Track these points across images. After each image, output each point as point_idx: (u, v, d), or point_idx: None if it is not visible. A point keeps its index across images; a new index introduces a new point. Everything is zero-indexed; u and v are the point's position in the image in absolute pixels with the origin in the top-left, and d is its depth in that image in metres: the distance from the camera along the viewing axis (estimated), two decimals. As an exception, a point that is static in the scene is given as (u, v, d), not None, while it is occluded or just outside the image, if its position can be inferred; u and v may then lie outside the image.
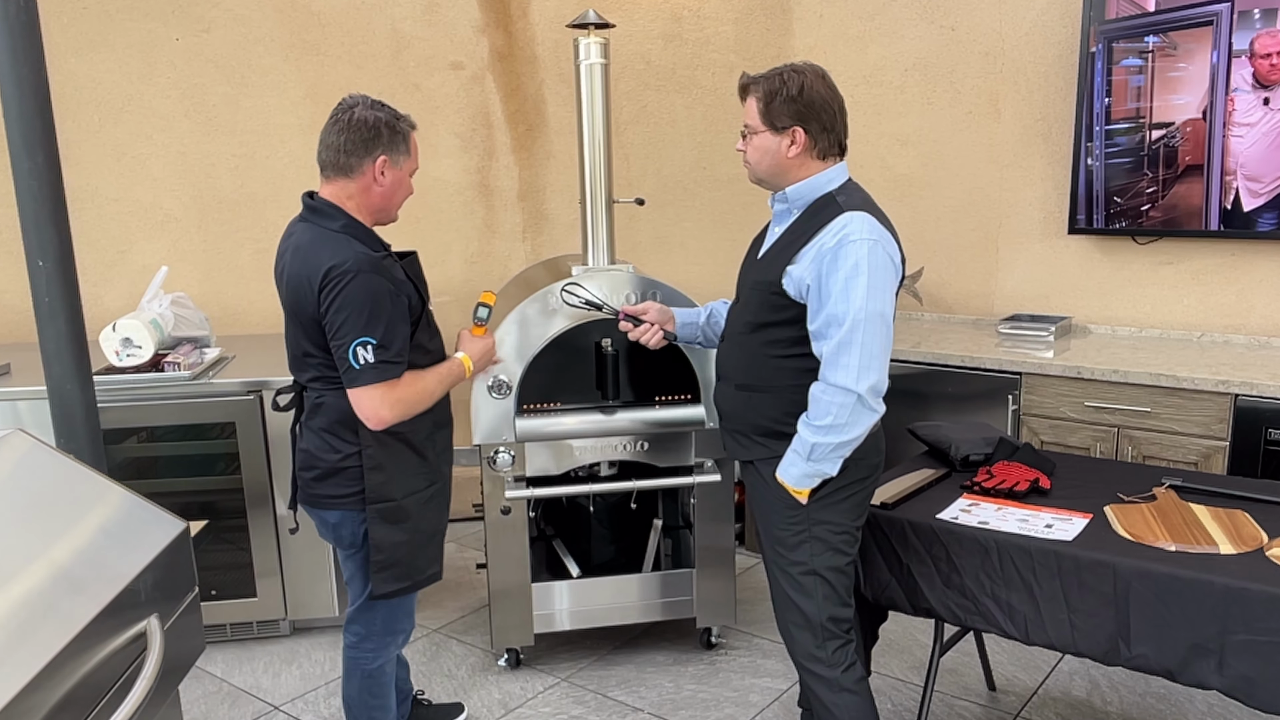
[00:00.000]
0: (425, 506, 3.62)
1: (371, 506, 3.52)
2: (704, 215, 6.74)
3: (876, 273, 3.16)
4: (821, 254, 3.22)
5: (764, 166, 3.39)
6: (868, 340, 3.14)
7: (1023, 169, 5.85)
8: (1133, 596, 3.14)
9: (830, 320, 3.18)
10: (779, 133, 3.34)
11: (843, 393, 3.15)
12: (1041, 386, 5.00)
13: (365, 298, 3.29)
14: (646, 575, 4.75)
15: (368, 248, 3.37)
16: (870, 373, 3.15)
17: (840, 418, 3.17)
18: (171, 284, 5.90)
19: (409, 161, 3.51)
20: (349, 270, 3.29)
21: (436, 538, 3.71)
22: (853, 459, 3.32)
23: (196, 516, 3.18)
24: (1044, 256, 5.85)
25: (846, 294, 3.14)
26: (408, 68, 6.24)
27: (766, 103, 3.34)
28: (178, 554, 2.57)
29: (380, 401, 3.35)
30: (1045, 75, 5.68)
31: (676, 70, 6.53)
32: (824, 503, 3.38)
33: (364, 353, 3.30)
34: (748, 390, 3.48)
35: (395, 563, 3.59)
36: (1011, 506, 3.64)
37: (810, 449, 3.24)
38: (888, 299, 3.19)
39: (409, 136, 3.49)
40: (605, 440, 4.54)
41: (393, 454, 3.52)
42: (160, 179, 5.99)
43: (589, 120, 4.51)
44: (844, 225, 3.21)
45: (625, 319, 3.96)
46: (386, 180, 3.45)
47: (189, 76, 5.94)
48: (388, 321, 3.33)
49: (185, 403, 4.73)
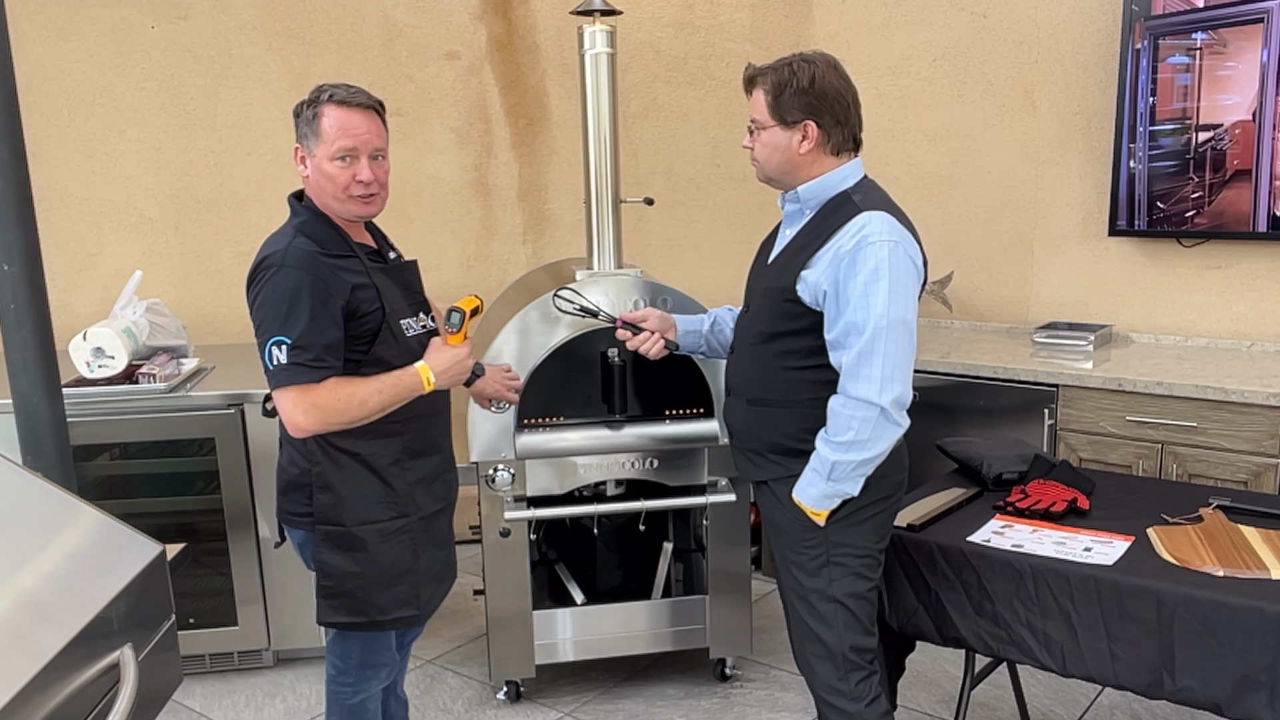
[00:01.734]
0: (388, 541, 3.48)
1: (319, 527, 3.44)
2: (718, 216, 6.75)
3: (898, 276, 3.15)
4: (839, 257, 3.21)
5: (774, 164, 3.39)
6: (890, 349, 3.13)
7: (1060, 166, 5.85)
8: (1178, 625, 3.13)
9: (849, 328, 3.17)
10: (789, 127, 3.33)
11: (864, 406, 3.15)
12: (1080, 399, 5.00)
13: (284, 293, 3.20)
14: (656, 602, 4.75)
15: (316, 244, 3.31)
16: (894, 384, 3.14)
17: (862, 433, 3.16)
18: (146, 290, 5.91)
19: (321, 145, 3.32)
20: (272, 265, 3.23)
21: (408, 579, 3.54)
22: (874, 477, 3.31)
23: (173, 539, 3.19)
24: (1082, 260, 5.85)
25: (866, 300, 3.14)
26: (400, 57, 6.26)
27: (775, 95, 3.33)
28: (153, 579, 2.57)
29: (294, 406, 3.23)
30: (1084, 66, 5.68)
31: (688, 60, 6.55)
32: (844, 524, 3.36)
33: (278, 353, 3.20)
34: (761, 405, 3.47)
35: (343, 594, 3.48)
36: (1048, 528, 3.64)
37: (830, 467, 3.23)
38: (910, 304, 3.19)
39: (319, 117, 3.31)
40: (612, 457, 4.54)
41: (346, 475, 3.42)
42: (134, 177, 6.01)
43: (594, 114, 4.52)
44: (862, 226, 3.21)
45: (623, 326, 3.90)
46: (308, 170, 3.37)
47: (165, 67, 5.96)
48: (309, 320, 3.21)
49: (161, 417, 4.74)
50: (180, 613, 4.89)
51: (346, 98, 3.31)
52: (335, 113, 3.29)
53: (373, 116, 3.36)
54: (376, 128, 3.37)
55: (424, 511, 3.56)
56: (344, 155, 3.30)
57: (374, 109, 3.38)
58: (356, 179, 3.33)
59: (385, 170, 3.43)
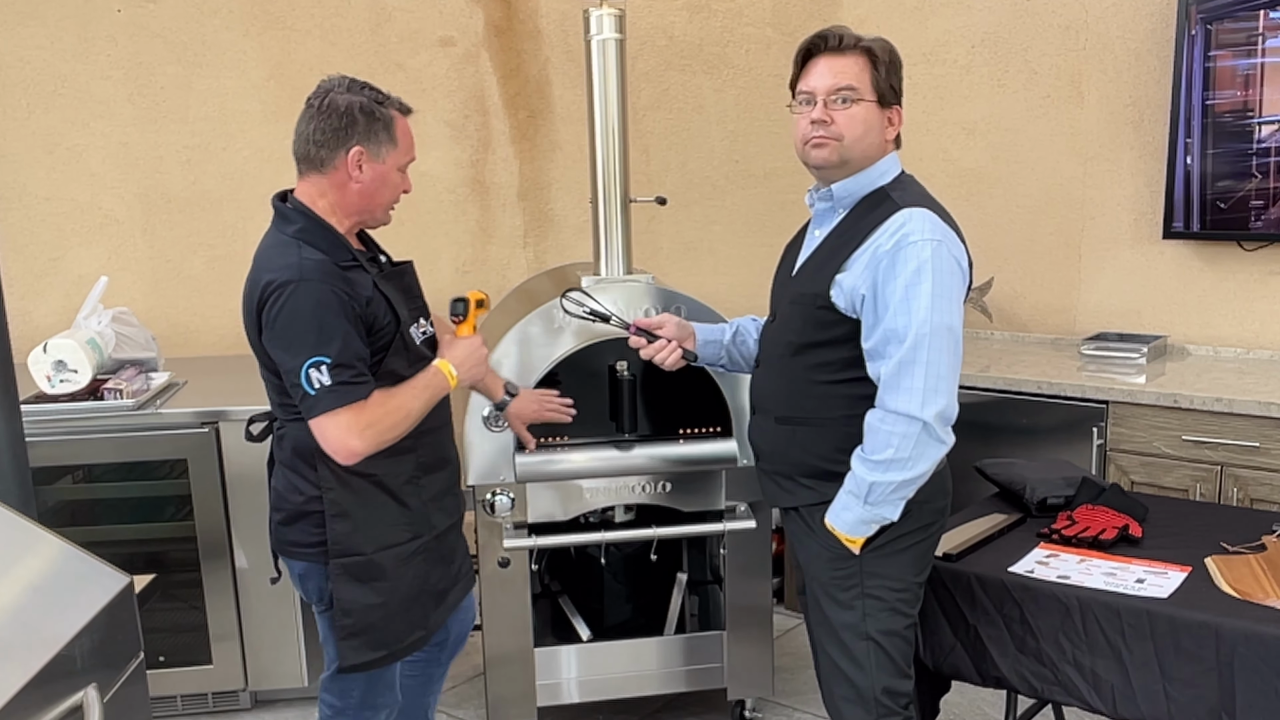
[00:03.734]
0: (406, 564, 3.52)
1: (335, 561, 3.44)
2: (737, 217, 6.77)
3: (942, 278, 3.14)
4: (876, 258, 3.19)
5: (862, 146, 3.32)
6: (934, 358, 3.11)
7: (1110, 163, 5.86)
8: (1239, 663, 3.13)
9: (889, 336, 3.15)
10: (885, 107, 3.32)
11: (905, 421, 3.13)
12: (1132, 417, 5.00)
13: (311, 310, 3.21)
14: (669, 639, 4.76)
15: (325, 254, 3.32)
16: (937, 396, 3.12)
17: (902, 451, 3.14)
18: (112, 297, 5.90)
19: (395, 153, 3.42)
20: (289, 281, 3.24)
21: (422, 599, 3.60)
22: (915, 502, 3.29)
23: (142, 570, 3.19)
24: (1135, 265, 5.85)
25: (907, 304, 3.12)
26: (389, 44, 6.28)
27: (877, 68, 3.29)
28: (120, 614, 2.58)
29: (347, 430, 3.22)
30: (1136, 53, 5.69)
31: (704, 46, 6.56)
32: (880, 554, 3.35)
33: (318, 375, 3.19)
34: (791, 424, 3.45)
35: (366, 629, 3.49)
36: (1097, 558, 3.65)
37: (867, 489, 3.20)
38: (955, 309, 3.17)
39: (394, 123, 3.41)
40: (620, 480, 4.55)
41: (362, 500, 3.43)
42: (99, 174, 6.03)
43: (601, 105, 4.54)
44: (902, 224, 3.19)
45: (637, 333, 3.82)
46: (365, 176, 3.38)
47: (133, 54, 5.98)
48: (344, 335, 3.23)
49: (128, 436, 4.76)
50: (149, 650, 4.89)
51: (403, 106, 3.49)
52: (404, 123, 3.48)
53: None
54: None
55: (438, 529, 3.62)
56: (406, 166, 3.49)
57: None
58: (404, 190, 3.51)
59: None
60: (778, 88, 6.52)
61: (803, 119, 3.37)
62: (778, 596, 6.07)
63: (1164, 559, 3.60)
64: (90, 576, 2.57)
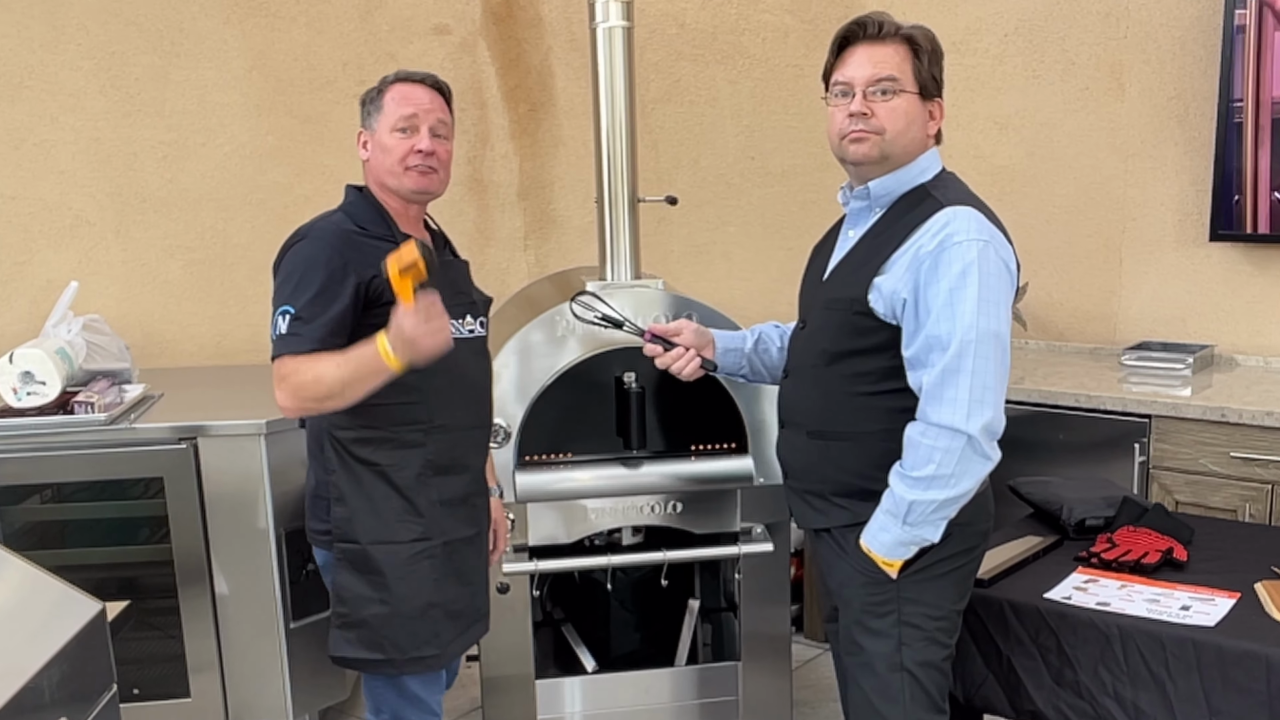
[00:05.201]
0: (410, 567, 3.58)
1: (336, 545, 3.59)
2: (753, 218, 6.77)
3: (989, 281, 3.14)
4: (919, 259, 3.19)
5: (904, 141, 3.33)
6: (979, 366, 3.10)
7: (1153, 159, 5.86)
8: (1292, 697, 3.14)
9: (931, 343, 3.15)
10: (927, 100, 3.34)
11: (948, 434, 3.12)
12: (1176, 433, 5.00)
13: (299, 263, 3.46)
14: (680, 670, 4.77)
15: (354, 222, 3.56)
16: (983, 408, 3.11)
17: (945, 466, 3.13)
18: (83, 304, 5.90)
19: (383, 118, 3.63)
20: (298, 235, 3.53)
21: (432, 613, 3.63)
22: (956, 524, 3.28)
23: (115, 596, 3.21)
24: (1180, 269, 5.86)
25: (952, 309, 3.11)
26: (380, 32, 6.29)
27: (919, 58, 3.32)
28: (91, 643, 2.59)
29: (276, 379, 3.42)
30: (1181, 41, 5.70)
31: (718, 35, 6.57)
32: (918, 578, 3.34)
33: (281, 322, 3.42)
34: (824, 439, 3.44)
35: (360, 624, 3.60)
36: (1139, 583, 3.66)
37: (907, 508, 3.19)
38: (1003, 314, 3.17)
39: (384, 93, 3.65)
40: (628, 500, 4.56)
41: (361, 486, 3.56)
42: (69, 172, 6.04)
43: (607, 98, 4.55)
44: (946, 223, 3.19)
45: (652, 340, 3.80)
46: (369, 152, 3.68)
47: (105, 43, 5.99)
48: (317, 292, 3.41)
49: (100, 453, 4.74)
50: (123, 682, 4.90)
51: (413, 74, 3.70)
52: (400, 87, 3.65)
53: (437, 95, 3.72)
54: (440, 104, 3.72)
55: (448, 536, 3.65)
56: (404, 127, 3.60)
57: (440, 89, 3.74)
58: (415, 149, 3.59)
59: (448, 150, 3.73)
60: (797, 79, 6.55)
61: (839, 111, 3.36)
62: (797, 625, 6.08)
63: (1211, 584, 3.61)
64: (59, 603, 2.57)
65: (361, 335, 3.40)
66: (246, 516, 4.73)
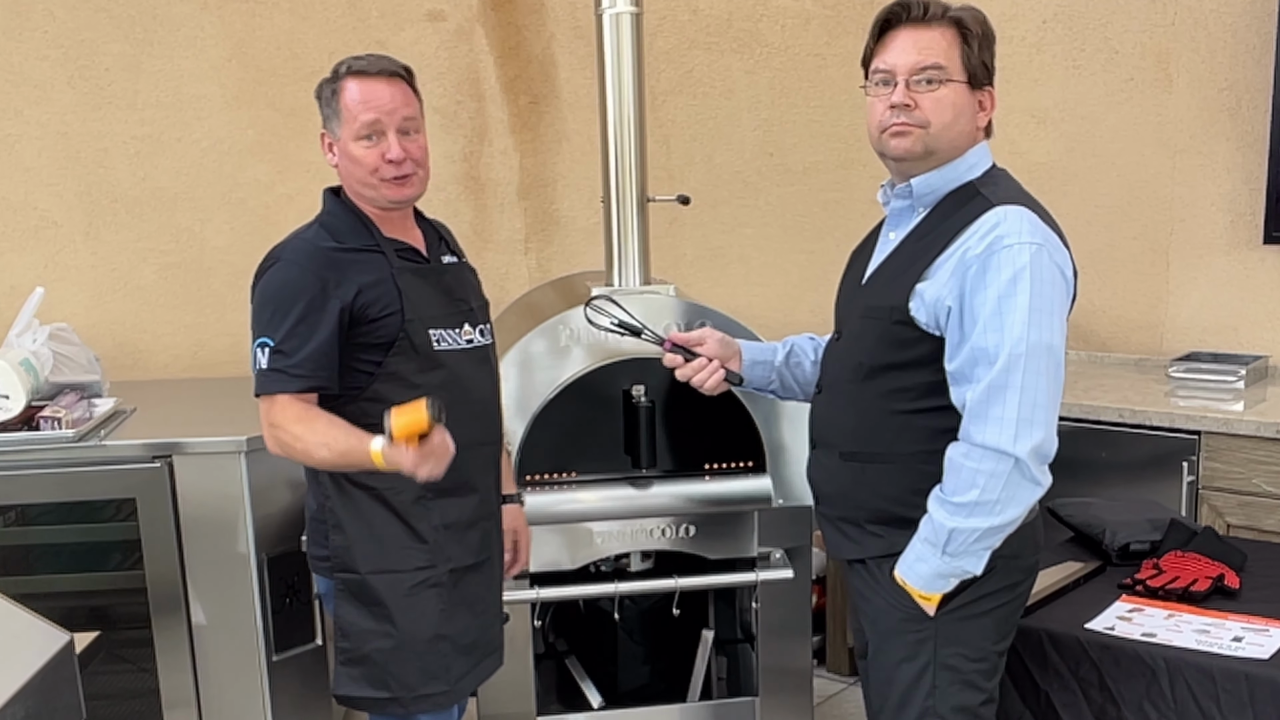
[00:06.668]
0: (413, 598, 3.58)
1: (337, 575, 3.60)
2: (771, 218, 6.78)
3: (1042, 289, 3.07)
4: (965, 264, 3.13)
5: (951, 134, 3.24)
6: (1030, 382, 3.04)
7: (1203, 156, 5.87)
8: (1352, 735, 3.15)
9: (977, 355, 3.09)
10: (976, 90, 3.25)
11: (994, 456, 3.06)
12: (1228, 450, 5.00)
13: (274, 290, 3.46)
14: (693, 706, 4.77)
15: (332, 236, 3.54)
16: (1033, 429, 3.05)
17: (989, 492, 3.07)
18: (49, 312, 5.90)
19: (345, 125, 3.57)
20: (271, 258, 3.52)
21: (440, 646, 3.63)
22: (1001, 556, 3.22)
23: (84, 626, 3.22)
24: (1231, 274, 5.86)
25: (1000, 319, 3.05)
26: (369, 18, 6.31)
27: (970, 42, 3.22)
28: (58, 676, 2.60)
29: (264, 419, 3.47)
30: (1233, 29, 5.70)
31: (733, 21, 6.59)
32: (958, 615, 3.27)
33: (260, 356, 3.44)
34: (859, 460, 3.37)
35: (364, 660, 3.60)
36: (1187, 613, 3.66)
37: (947, 537, 3.12)
38: (1057, 326, 3.11)
39: (339, 92, 3.57)
40: (637, 524, 4.57)
41: (359, 513, 3.56)
42: (34, 169, 6.06)
43: (614, 90, 4.57)
44: (995, 224, 3.13)
45: (673, 350, 3.70)
46: (336, 158, 3.64)
47: (73, 30, 6.01)
48: (296, 322, 3.41)
49: (68, 472, 4.74)
50: (93, 718, 4.92)
51: (365, 67, 3.56)
52: (354, 85, 3.55)
53: (398, 84, 3.61)
54: (404, 95, 3.61)
55: (454, 564, 3.65)
56: (369, 133, 3.52)
57: (399, 75, 3.62)
58: (385, 158, 3.52)
59: (420, 146, 3.63)
60: (819, 69, 6.57)
61: (879, 102, 3.28)
62: (819, 657, 6.09)
63: (1265, 614, 3.61)
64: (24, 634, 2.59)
65: (350, 354, 3.46)
66: (225, 540, 4.73)
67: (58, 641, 2.64)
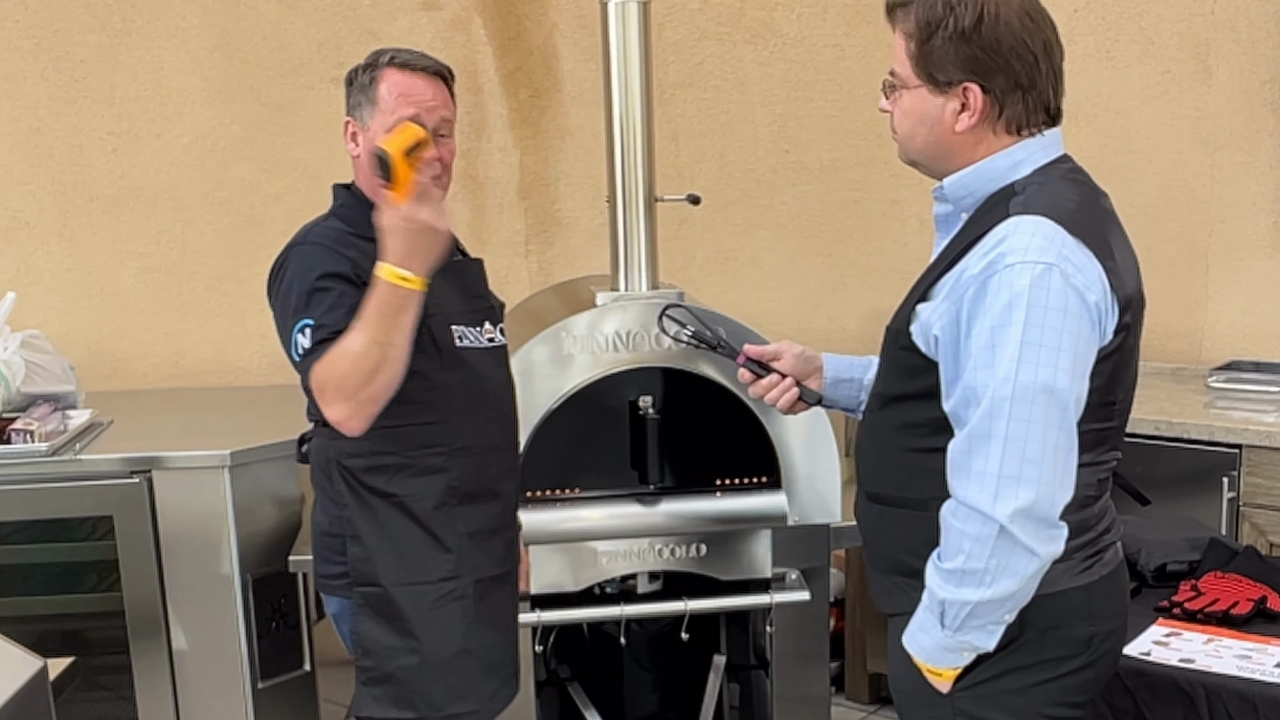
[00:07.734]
0: (438, 612, 3.58)
1: (356, 590, 3.58)
2: (787, 220, 6.78)
3: (1045, 317, 2.70)
4: (961, 286, 2.84)
5: (918, 142, 3.01)
6: (1017, 432, 2.68)
7: (1244, 153, 5.87)
8: (1403, 767, 3.15)
9: (967, 396, 2.79)
10: (941, 90, 2.92)
11: (977, 519, 2.73)
12: (1271, 465, 5.00)
13: (302, 271, 3.42)
14: (703, 736, 4.78)
15: (348, 225, 3.55)
16: (1019, 487, 2.69)
17: (976, 559, 2.73)
18: (21, 318, 5.90)
19: (378, 116, 3.53)
20: (296, 241, 3.52)
21: (466, 661, 3.62)
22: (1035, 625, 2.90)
23: (58, 652, 3.23)
24: (1274, 278, 5.87)
25: (991, 353, 2.72)
26: (360, 7, 6.31)
27: (921, 40, 2.89)
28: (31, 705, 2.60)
29: (317, 393, 3.30)
30: (1276, 18, 5.70)
31: (746, 10, 6.59)
32: (981, 692, 2.97)
33: (303, 339, 3.35)
34: (880, 503, 3.14)
35: (388, 679, 3.59)
36: (1228, 637, 3.66)
37: (940, 608, 2.85)
38: (1064, 363, 2.71)
39: (377, 82, 3.55)
40: (644, 543, 4.57)
41: (380, 523, 3.54)
42: (6, 167, 6.08)
43: (620, 83, 4.58)
44: (1001, 238, 2.80)
45: (747, 364, 3.52)
46: (359, 150, 3.61)
47: (46, 20, 6.02)
48: (334, 296, 3.36)
49: (41, 488, 4.76)
50: (68, 748, 4.93)
51: (410, 60, 3.58)
52: (396, 77, 3.54)
53: (440, 84, 3.62)
54: (444, 97, 3.63)
55: (478, 574, 3.65)
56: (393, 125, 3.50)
57: (442, 75, 3.63)
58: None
59: (451, 150, 3.68)
60: (837, 61, 6.58)
61: None
62: (837, 685, 6.08)
63: (1311, 639, 3.61)
64: (-3, 659, 2.59)
65: None
66: (208, 560, 4.74)
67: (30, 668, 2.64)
